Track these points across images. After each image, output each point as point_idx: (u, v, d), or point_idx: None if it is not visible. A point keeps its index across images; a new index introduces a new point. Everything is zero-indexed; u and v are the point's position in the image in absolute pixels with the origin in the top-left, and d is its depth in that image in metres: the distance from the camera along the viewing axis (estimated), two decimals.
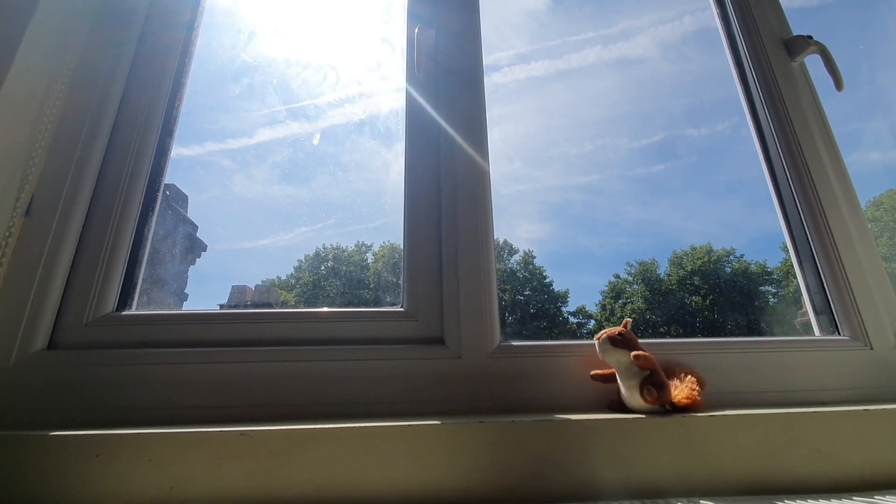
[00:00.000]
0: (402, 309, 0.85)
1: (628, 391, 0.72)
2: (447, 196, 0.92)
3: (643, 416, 0.68)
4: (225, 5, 1.48)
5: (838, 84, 1.09)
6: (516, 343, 0.83)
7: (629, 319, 0.80)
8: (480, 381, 0.79)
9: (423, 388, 0.77)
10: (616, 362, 0.74)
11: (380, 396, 0.76)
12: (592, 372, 0.78)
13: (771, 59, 1.12)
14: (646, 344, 0.78)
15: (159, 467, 0.58)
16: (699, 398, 0.71)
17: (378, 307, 0.87)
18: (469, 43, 1.05)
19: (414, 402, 0.76)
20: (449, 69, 1.02)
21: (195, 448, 0.59)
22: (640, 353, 0.72)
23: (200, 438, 0.60)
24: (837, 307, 0.93)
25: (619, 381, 0.74)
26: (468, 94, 1.00)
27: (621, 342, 0.75)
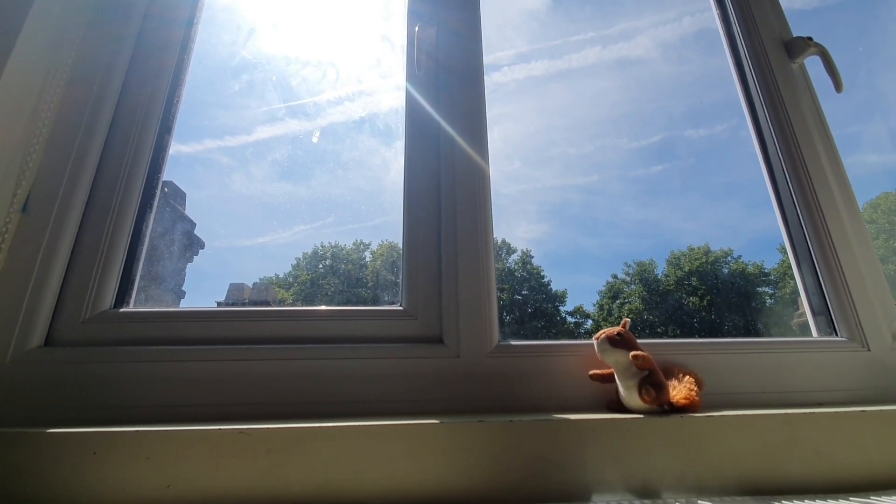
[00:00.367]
0: (401, 308, 0.85)
1: (627, 391, 0.72)
2: (447, 195, 0.91)
3: (641, 417, 0.68)
4: (225, 2, 1.48)
5: (838, 86, 1.09)
6: (515, 342, 0.83)
7: (628, 319, 0.80)
8: (479, 381, 0.79)
9: (422, 387, 0.77)
10: (615, 362, 0.74)
11: (378, 395, 0.76)
12: (591, 372, 0.78)
13: (771, 60, 1.12)
14: (644, 344, 0.78)
15: (157, 465, 0.58)
16: (697, 398, 0.71)
17: (377, 306, 0.87)
18: (469, 41, 1.05)
19: (413, 401, 0.76)
20: (449, 68, 1.02)
21: (193, 446, 0.59)
22: (639, 354, 0.72)
23: (198, 436, 0.59)
24: (835, 308, 0.93)
25: (618, 381, 0.74)
26: (468, 94, 1.00)
27: (620, 342, 0.75)
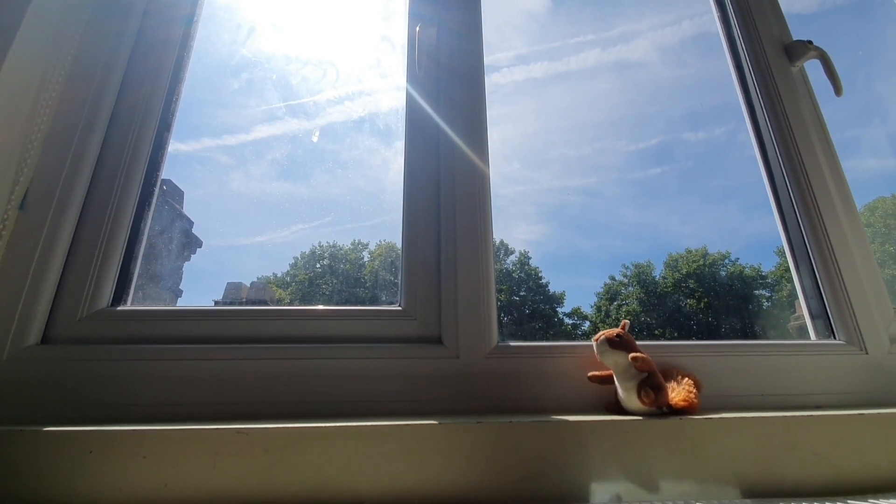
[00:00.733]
0: (401, 308, 0.85)
1: (626, 393, 0.72)
2: (446, 196, 0.91)
3: (640, 418, 0.68)
4: (225, 0, 1.47)
5: (837, 90, 1.10)
6: (514, 343, 0.83)
7: (627, 321, 0.80)
8: (478, 381, 0.78)
9: (421, 388, 0.77)
10: (614, 364, 0.74)
11: (377, 395, 0.76)
12: (590, 373, 0.78)
13: (771, 64, 1.12)
14: (643, 346, 0.78)
15: (154, 464, 0.58)
16: (696, 401, 0.71)
17: (375, 306, 0.87)
18: (470, 42, 1.05)
19: (411, 402, 0.76)
20: (450, 69, 1.02)
21: (191, 445, 0.59)
22: (639, 356, 0.72)
23: (196, 436, 0.59)
24: (833, 312, 0.93)
25: (617, 383, 0.74)
26: (469, 95, 1.00)
27: (619, 344, 0.75)
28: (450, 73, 1.01)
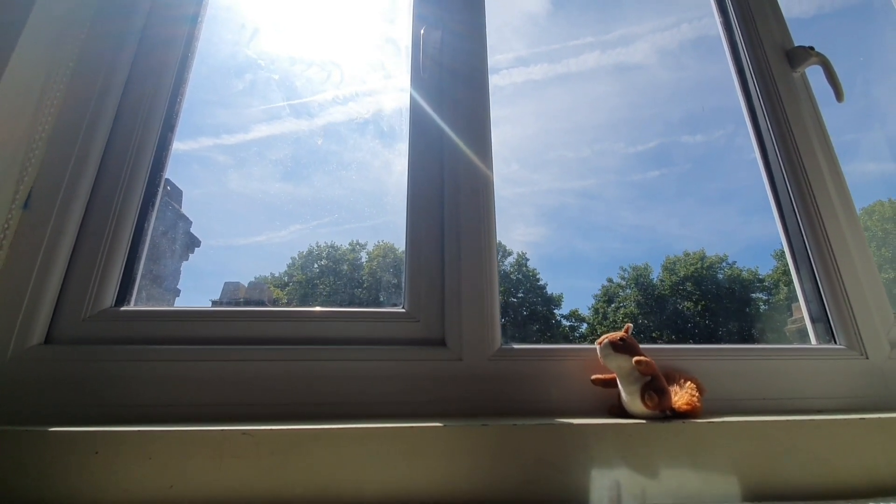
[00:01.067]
0: (404, 310, 0.85)
1: (629, 396, 0.72)
2: (450, 198, 0.91)
3: (643, 422, 0.68)
4: (229, 1, 1.47)
5: (839, 95, 1.10)
6: (517, 346, 0.83)
7: (630, 325, 0.80)
8: (481, 384, 0.79)
9: (424, 390, 0.77)
10: (617, 367, 0.74)
11: (380, 397, 0.76)
12: (593, 377, 0.78)
13: (773, 69, 1.13)
14: (646, 350, 0.78)
15: (160, 465, 0.57)
16: (699, 404, 0.72)
17: (376, 307, 0.87)
18: (474, 45, 1.05)
19: (414, 404, 0.76)
20: (453, 72, 1.02)
21: (196, 446, 0.59)
22: (642, 359, 0.72)
23: (202, 437, 0.59)
24: (834, 316, 0.94)
25: (620, 387, 0.74)
26: (472, 99, 1.00)
27: (623, 347, 0.75)
28: (454, 76, 1.02)
